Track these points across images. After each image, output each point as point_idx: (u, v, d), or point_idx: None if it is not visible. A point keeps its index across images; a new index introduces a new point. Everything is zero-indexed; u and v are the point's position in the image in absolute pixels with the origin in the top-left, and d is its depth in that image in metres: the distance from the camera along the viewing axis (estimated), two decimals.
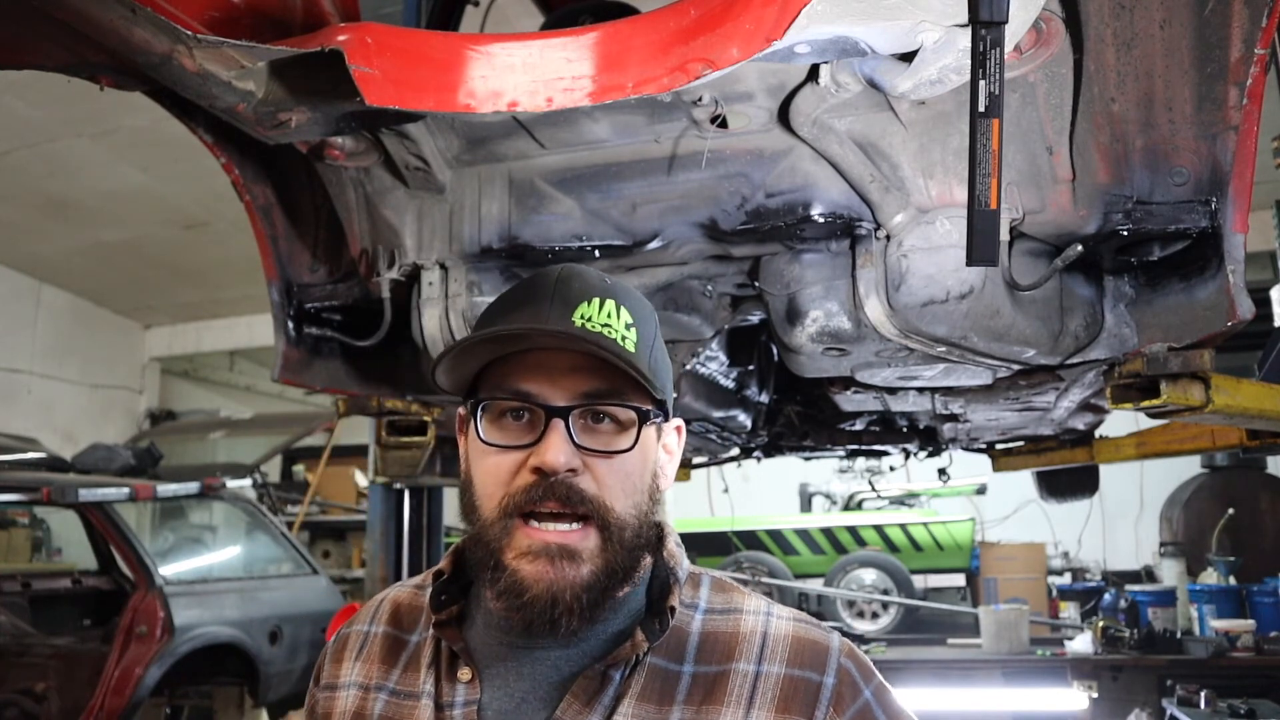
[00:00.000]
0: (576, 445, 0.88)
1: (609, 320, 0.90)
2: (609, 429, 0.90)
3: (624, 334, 0.91)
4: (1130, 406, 2.01)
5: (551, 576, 0.86)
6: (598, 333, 0.89)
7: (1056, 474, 5.20)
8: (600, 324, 0.90)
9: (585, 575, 0.87)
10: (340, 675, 1.02)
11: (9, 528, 7.13)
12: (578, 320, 0.90)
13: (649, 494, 0.93)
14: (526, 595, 0.86)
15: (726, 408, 3.33)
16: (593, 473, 0.88)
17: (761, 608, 0.95)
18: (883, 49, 1.43)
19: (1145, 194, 1.78)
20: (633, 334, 0.91)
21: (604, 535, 0.88)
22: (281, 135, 1.72)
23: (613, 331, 0.90)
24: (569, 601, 0.86)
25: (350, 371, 2.59)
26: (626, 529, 0.89)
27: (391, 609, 1.05)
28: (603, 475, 0.89)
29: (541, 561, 0.86)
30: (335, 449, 7.97)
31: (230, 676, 5.23)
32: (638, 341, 0.91)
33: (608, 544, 0.88)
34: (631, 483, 0.90)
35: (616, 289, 0.94)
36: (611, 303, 0.92)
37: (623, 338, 0.90)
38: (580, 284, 0.93)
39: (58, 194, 8.35)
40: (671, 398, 0.98)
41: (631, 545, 0.90)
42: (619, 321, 0.91)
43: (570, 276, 0.94)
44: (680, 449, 1.01)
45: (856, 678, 0.91)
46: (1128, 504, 10.46)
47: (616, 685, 0.89)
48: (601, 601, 0.88)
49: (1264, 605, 5.95)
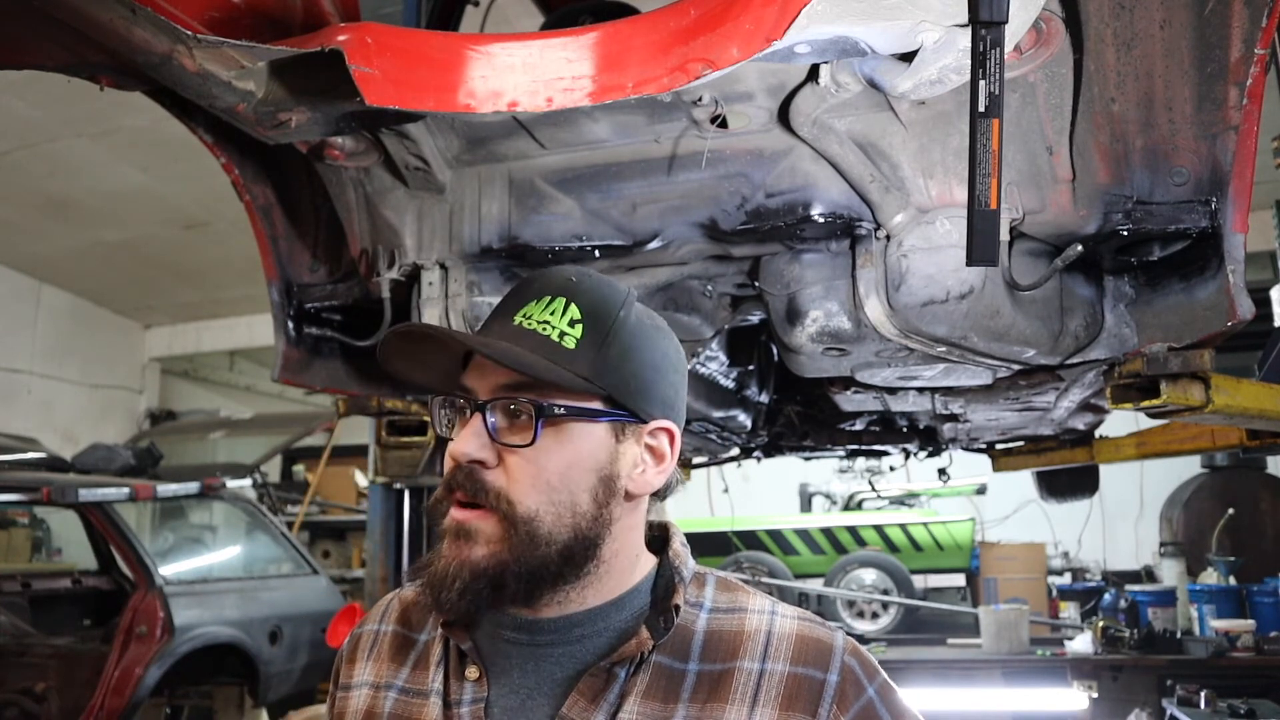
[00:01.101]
0: (493, 439, 0.90)
1: (549, 318, 0.92)
2: (524, 424, 0.90)
3: (564, 330, 0.91)
4: (1130, 406, 2.01)
5: (451, 554, 0.89)
6: (530, 329, 0.91)
7: (1056, 474, 5.20)
8: (538, 321, 0.92)
9: (479, 557, 0.88)
10: (354, 675, 1.04)
11: (9, 528, 7.13)
12: (518, 319, 0.92)
13: (588, 492, 0.90)
14: (430, 569, 0.90)
15: (726, 408, 3.33)
16: (504, 466, 0.90)
17: (766, 607, 0.96)
18: (883, 49, 1.43)
19: (1145, 194, 1.78)
20: (577, 330, 0.91)
21: (507, 525, 0.88)
22: (281, 135, 1.72)
23: (549, 329, 0.91)
24: (457, 580, 0.87)
25: (350, 371, 2.59)
26: (537, 525, 0.88)
27: (401, 608, 1.06)
28: (513, 468, 0.89)
29: (448, 540, 0.90)
30: (335, 449, 7.97)
31: (230, 676, 5.23)
32: (582, 338, 0.91)
33: (510, 535, 0.88)
34: (545, 479, 0.89)
35: (579, 287, 0.94)
36: (561, 300, 0.93)
37: (561, 334, 0.91)
38: (542, 284, 0.95)
39: (58, 194, 8.35)
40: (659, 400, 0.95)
41: (551, 542, 0.88)
42: (561, 319, 0.92)
43: (541, 277, 0.96)
44: (673, 452, 0.97)
45: (860, 675, 0.91)
46: (1128, 504, 10.45)
47: (622, 683, 0.89)
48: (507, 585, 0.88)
49: (1264, 605, 5.95)
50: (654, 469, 0.96)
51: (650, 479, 0.95)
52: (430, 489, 4.21)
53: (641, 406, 0.93)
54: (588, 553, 0.91)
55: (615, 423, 0.92)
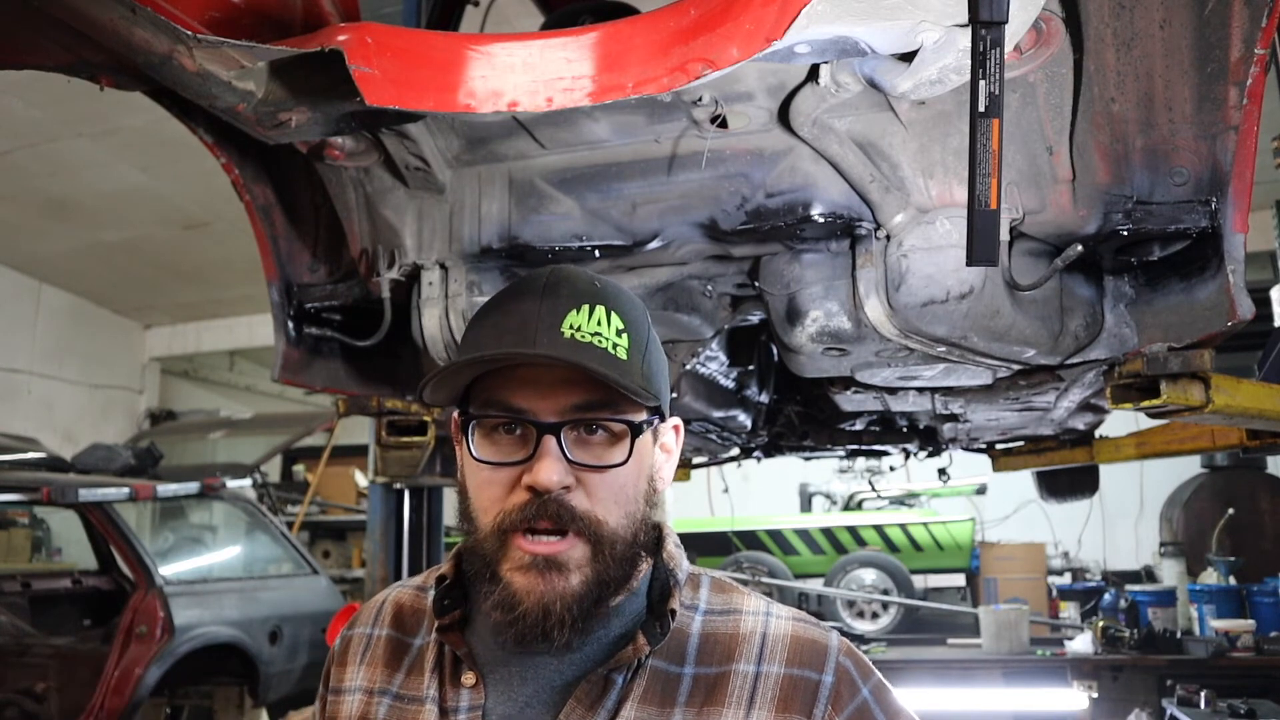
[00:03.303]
0: (570, 461, 0.87)
1: (599, 328, 0.89)
2: (602, 440, 0.89)
3: (615, 341, 0.89)
4: (1130, 406, 2.01)
5: (542, 588, 0.86)
6: (588, 343, 0.87)
7: (1056, 474, 5.20)
8: (590, 333, 0.88)
9: (575, 586, 0.87)
10: (345, 679, 1.02)
11: (9, 528, 7.13)
12: (566, 331, 0.88)
13: (644, 499, 0.92)
14: (519, 608, 0.87)
15: (726, 408, 3.33)
16: (585, 487, 0.88)
17: (761, 608, 0.96)
18: (883, 49, 1.43)
19: (1145, 194, 1.78)
20: (624, 340, 0.90)
21: (594, 547, 0.87)
22: (281, 135, 1.72)
23: (603, 340, 0.88)
24: (560, 613, 0.86)
25: (350, 371, 2.59)
26: (618, 541, 0.89)
27: (394, 611, 1.05)
28: (595, 489, 0.88)
29: (532, 574, 0.87)
30: (335, 449, 7.97)
31: (230, 676, 5.23)
32: (630, 347, 0.90)
33: (598, 556, 0.88)
34: (625, 494, 0.90)
35: (606, 292, 0.92)
36: (601, 309, 0.90)
37: (614, 345, 0.89)
38: (569, 289, 0.91)
39: (58, 194, 8.34)
40: (669, 398, 0.97)
41: (624, 555, 0.90)
42: (609, 329, 0.89)
43: (559, 282, 0.92)
44: (679, 447, 1.01)
45: (855, 676, 0.91)
46: (1128, 504, 10.46)
47: (619, 689, 0.89)
48: (594, 611, 0.89)
49: (1264, 605, 5.96)
50: (668, 464, 0.99)
51: (668, 474, 0.98)
52: (431, 489, 4.23)
53: (668, 407, 0.96)
54: (639, 554, 0.93)
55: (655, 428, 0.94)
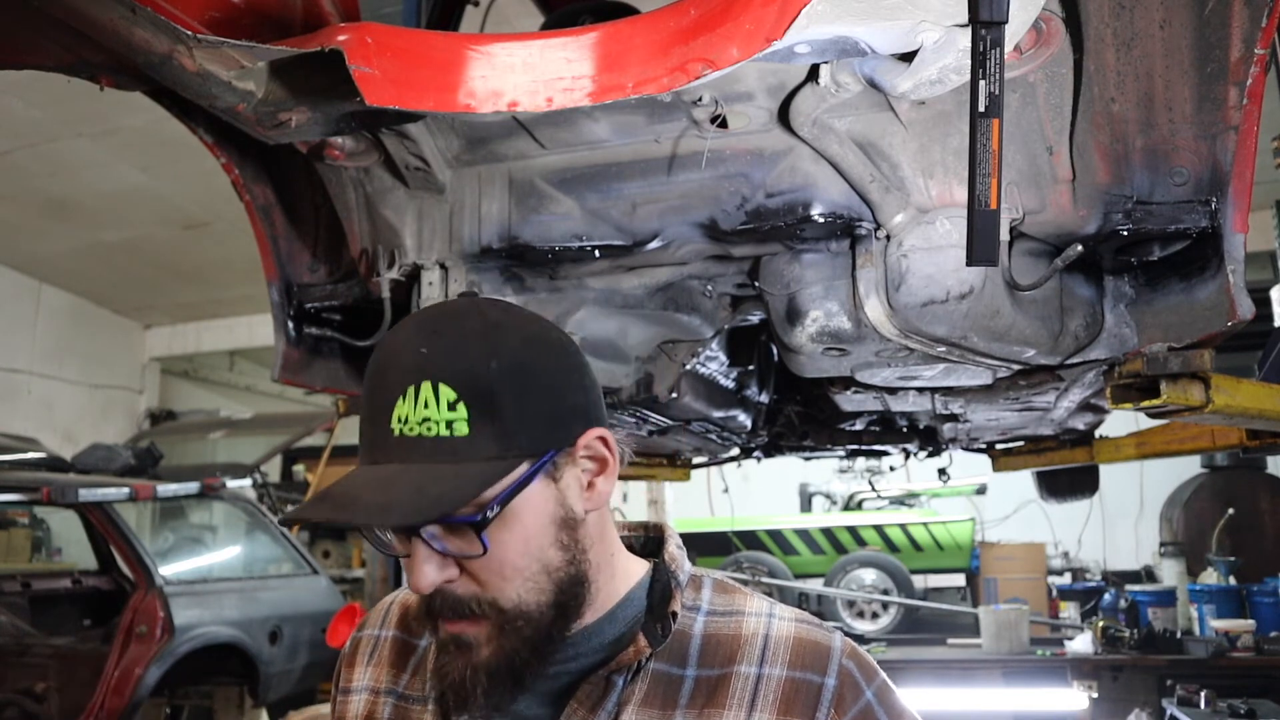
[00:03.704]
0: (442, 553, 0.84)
1: (427, 412, 0.81)
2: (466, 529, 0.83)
3: (448, 418, 0.81)
4: (1130, 406, 2.01)
5: (457, 666, 0.86)
6: (415, 436, 0.81)
7: (1056, 474, 5.20)
8: (417, 422, 0.81)
9: (485, 657, 0.86)
10: (354, 679, 1.03)
11: (9, 528, 7.14)
12: (395, 427, 0.82)
13: (557, 546, 0.87)
14: (442, 684, 0.88)
15: (726, 408, 3.33)
16: (468, 572, 0.85)
17: (764, 609, 0.95)
18: (883, 49, 1.43)
19: (1145, 194, 1.78)
20: (460, 411, 0.81)
21: (496, 624, 0.85)
22: (281, 135, 1.72)
23: (433, 426, 0.81)
24: (478, 684, 0.85)
25: (350, 371, 2.59)
26: (522, 605, 0.85)
27: (401, 612, 1.06)
28: (478, 572, 0.85)
29: (447, 652, 0.88)
30: (335, 449, 7.96)
31: (230, 676, 5.23)
32: (469, 417, 0.81)
33: (504, 629, 0.85)
34: (513, 564, 0.84)
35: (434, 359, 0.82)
36: (427, 385, 0.81)
37: (448, 424, 0.81)
38: (396, 372, 0.83)
39: (58, 194, 8.35)
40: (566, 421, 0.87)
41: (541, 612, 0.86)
42: (439, 408, 0.81)
43: (388, 361, 0.85)
44: (615, 455, 0.90)
45: (858, 678, 0.91)
46: (1128, 504, 10.46)
47: (620, 691, 0.89)
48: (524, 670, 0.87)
49: (1264, 605, 5.96)
50: (601, 476, 0.90)
51: (601, 487, 0.90)
52: None
53: (560, 437, 0.86)
54: (578, 591, 0.89)
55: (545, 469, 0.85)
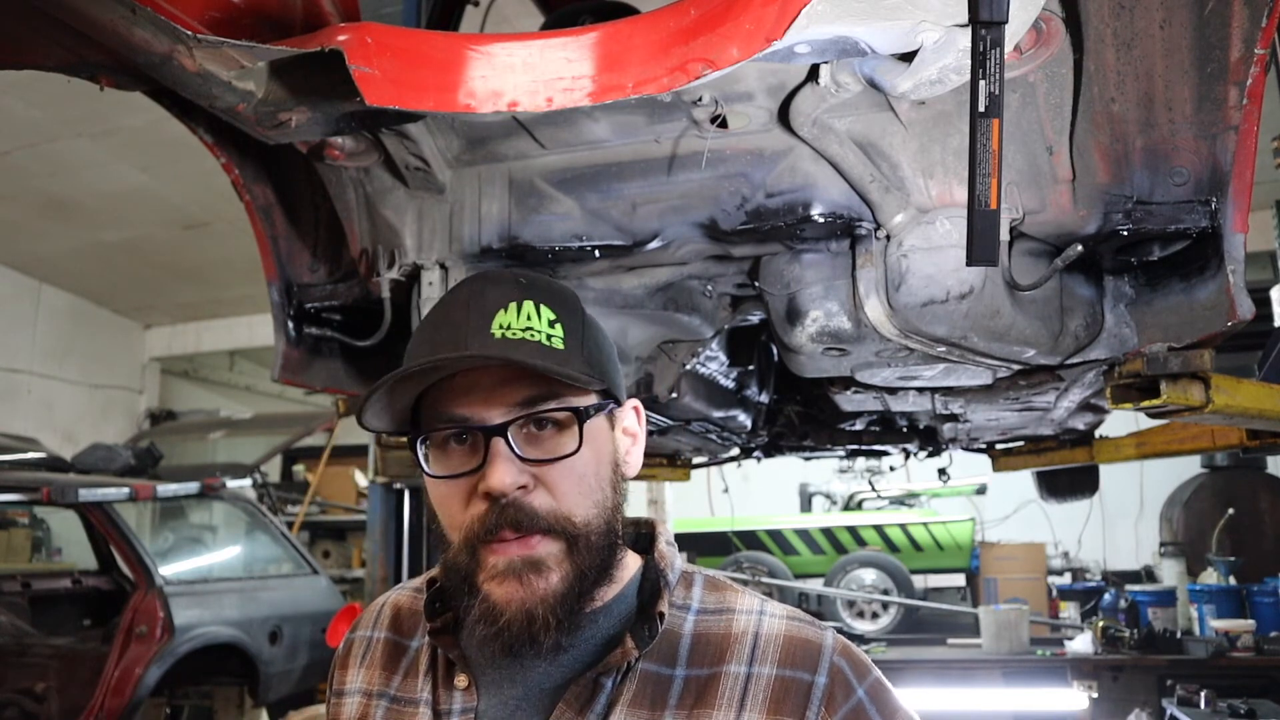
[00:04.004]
0: (522, 459, 0.86)
1: (530, 323, 0.88)
2: (551, 434, 0.88)
3: (549, 333, 0.88)
4: (1130, 406, 2.01)
5: (523, 594, 0.85)
6: (519, 339, 0.87)
7: (1056, 474, 5.20)
8: (521, 329, 0.87)
9: (555, 584, 0.85)
10: (347, 681, 1.03)
11: (9, 528, 7.13)
12: (497, 331, 0.87)
13: (611, 485, 0.91)
14: (502, 619, 0.85)
15: (726, 408, 3.33)
16: (544, 484, 0.86)
17: (754, 607, 0.94)
18: (883, 49, 1.43)
19: (1145, 194, 1.78)
20: (558, 329, 0.89)
21: (568, 543, 0.86)
22: (281, 135, 1.72)
23: (535, 333, 0.88)
24: (544, 616, 0.85)
25: (350, 371, 2.59)
26: (592, 532, 0.88)
27: (392, 614, 1.06)
28: (555, 483, 0.86)
29: (510, 581, 0.85)
30: (335, 449, 7.97)
31: (230, 676, 5.23)
32: (565, 335, 0.89)
33: (573, 551, 0.86)
34: (588, 482, 0.88)
35: (534, 287, 0.92)
36: (530, 304, 0.89)
37: (548, 336, 0.88)
38: (495, 292, 0.90)
39: (58, 194, 8.34)
40: (622, 382, 0.97)
41: (600, 545, 0.88)
42: (540, 321, 0.88)
43: (483, 287, 0.91)
44: (643, 428, 0.98)
45: (850, 676, 0.90)
46: (1128, 504, 10.46)
47: (609, 692, 0.88)
48: (579, 608, 0.88)
49: (1264, 605, 5.95)
50: (635, 449, 0.97)
51: (636, 459, 0.97)
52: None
53: (619, 391, 0.95)
54: (614, 546, 0.91)
55: (610, 412, 0.93)
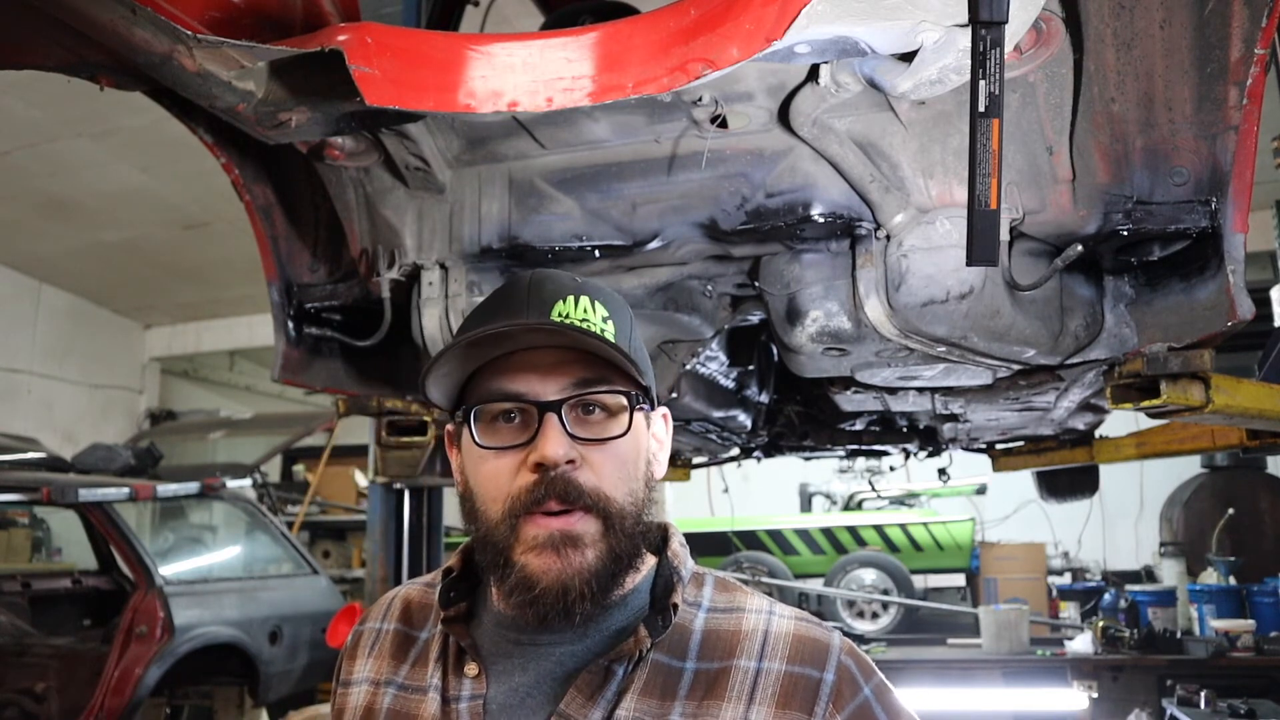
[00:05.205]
0: (572, 436, 0.90)
1: (586, 315, 0.93)
2: (600, 418, 0.92)
3: (602, 326, 0.93)
4: (1130, 406, 2.01)
5: (560, 566, 0.88)
6: (579, 326, 0.91)
7: (1056, 474, 5.21)
8: (579, 319, 0.92)
9: (591, 560, 0.88)
10: (354, 672, 1.05)
11: (9, 528, 7.13)
12: (555, 317, 0.92)
13: (644, 481, 0.95)
14: (538, 588, 0.88)
15: (726, 408, 3.33)
16: (589, 463, 0.90)
17: (764, 606, 0.97)
18: (883, 49, 1.43)
19: (1145, 194, 1.78)
20: (610, 326, 0.94)
21: (605, 522, 0.89)
22: (281, 135, 1.72)
23: (591, 325, 0.92)
24: (579, 588, 0.88)
25: (350, 371, 2.59)
26: (626, 517, 0.91)
27: (403, 606, 1.07)
28: (599, 464, 0.90)
29: (548, 553, 0.88)
30: (335, 449, 7.97)
31: (230, 676, 5.23)
32: (616, 333, 0.94)
33: (609, 530, 0.90)
34: (626, 470, 0.92)
35: (588, 286, 0.97)
36: (585, 299, 0.94)
37: (601, 329, 0.93)
38: (553, 284, 0.95)
39: (58, 194, 8.35)
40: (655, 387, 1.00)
41: (632, 532, 0.92)
42: (595, 315, 0.94)
43: (543, 279, 0.96)
44: (669, 437, 1.03)
45: (856, 675, 0.92)
46: (1128, 504, 10.46)
47: (619, 680, 0.90)
48: (610, 587, 0.90)
49: (1264, 605, 5.96)
50: (661, 453, 1.01)
51: (663, 462, 1.00)
52: (431, 489, 4.23)
53: (654, 395, 0.99)
54: (640, 537, 0.94)
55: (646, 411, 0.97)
